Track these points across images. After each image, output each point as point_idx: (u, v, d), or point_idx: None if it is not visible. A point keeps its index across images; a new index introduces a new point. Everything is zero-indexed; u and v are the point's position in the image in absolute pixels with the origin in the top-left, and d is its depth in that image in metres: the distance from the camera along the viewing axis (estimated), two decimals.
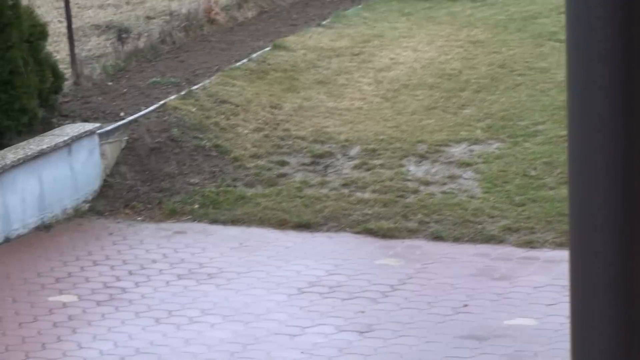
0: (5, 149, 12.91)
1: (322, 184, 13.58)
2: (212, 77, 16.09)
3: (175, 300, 10.92)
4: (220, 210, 13.03)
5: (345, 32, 18.84)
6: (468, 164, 13.79)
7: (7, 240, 12.42)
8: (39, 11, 14.50)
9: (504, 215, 12.61)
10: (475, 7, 20.61)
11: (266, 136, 14.63)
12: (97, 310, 10.64)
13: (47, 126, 13.78)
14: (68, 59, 15.59)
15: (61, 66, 15.01)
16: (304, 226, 12.57)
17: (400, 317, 10.33)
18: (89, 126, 13.72)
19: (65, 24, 15.76)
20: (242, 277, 11.38)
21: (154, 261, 11.81)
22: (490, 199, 13.00)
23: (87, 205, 13.31)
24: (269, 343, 9.88)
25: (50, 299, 10.91)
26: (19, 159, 12.65)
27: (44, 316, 10.48)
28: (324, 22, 19.40)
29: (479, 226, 12.39)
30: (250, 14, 20.04)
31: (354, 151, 14.20)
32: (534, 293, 10.89)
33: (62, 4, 15.85)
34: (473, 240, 12.15)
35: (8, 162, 12.55)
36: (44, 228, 12.77)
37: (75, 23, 16.06)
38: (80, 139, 13.32)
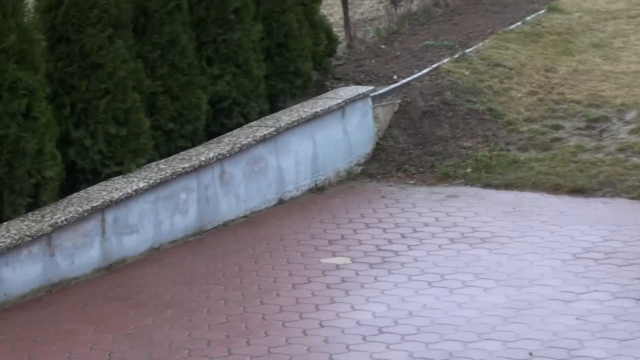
0: (280, 112, 13.12)
1: (597, 148, 13.49)
2: (486, 40, 16.11)
3: (448, 263, 10.93)
4: (493, 174, 13.03)
5: None
6: None
7: (281, 202, 12.68)
8: None
9: None
10: None
11: (540, 100, 14.59)
12: (369, 272, 10.74)
13: (320, 89, 13.95)
14: (341, 22, 15.75)
15: (335, 29, 15.16)
16: (578, 191, 12.50)
17: None
18: (362, 89, 13.84)
19: None
20: (515, 242, 11.34)
21: (426, 224, 11.86)
22: None
23: (359, 168, 13.46)
24: (543, 308, 9.73)
25: (323, 260, 11.10)
26: (293, 122, 12.83)
27: (317, 278, 10.62)
28: None
29: None
30: None
31: (631, 115, 14.07)
32: None
33: None
34: None
35: (282, 124, 12.74)
36: (317, 190, 13.01)
37: None
38: (353, 102, 13.44)
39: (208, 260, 11.25)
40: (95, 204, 10.88)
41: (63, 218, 10.58)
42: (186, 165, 11.73)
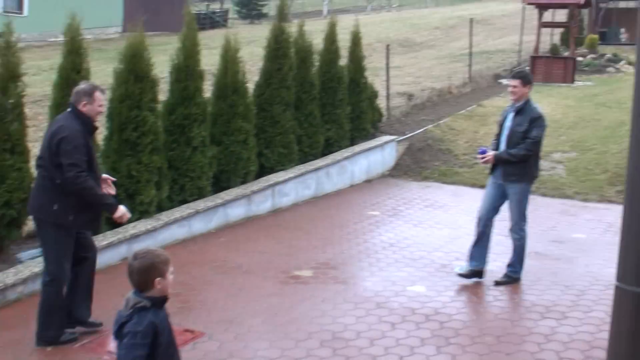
0: (355, 145, 13.04)
1: None
2: (448, 118, 15.98)
3: (423, 216, 10.74)
4: (447, 177, 12.85)
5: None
6: (560, 162, 13.48)
7: (352, 186, 12.52)
8: (374, 84, 14.56)
9: (574, 185, 12.31)
10: (569, 89, 20.01)
11: (470, 145, 14.41)
12: (388, 219, 10.62)
13: (373, 136, 13.89)
14: (385, 107, 15.65)
15: (382, 109, 15.11)
16: (483, 186, 12.45)
17: None
18: (391, 137, 13.77)
19: (385, 91, 15.80)
20: (454, 207, 11.24)
21: (415, 198, 11.82)
22: (569, 178, 12.69)
23: (388, 173, 13.25)
24: (466, 228, 9.48)
25: (367, 212, 11.00)
26: (360, 150, 12.74)
27: (364, 220, 10.55)
28: (501, 95, 18.95)
29: (562, 190, 12.11)
30: (467, 90, 19.84)
31: None
32: (585, 222, 10.58)
33: (385, 80, 16.00)
34: (559, 196, 11.90)
35: (356, 150, 12.71)
36: (368, 182, 12.81)
37: (391, 89, 16.17)
38: (387, 142, 13.38)
39: (318, 209, 11.11)
40: (270, 183, 10.96)
41: (256, 188, 10.67)
42: (310, 168, 11.69)
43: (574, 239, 9.77)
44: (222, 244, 9.39)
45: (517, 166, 7.68)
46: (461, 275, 8.01)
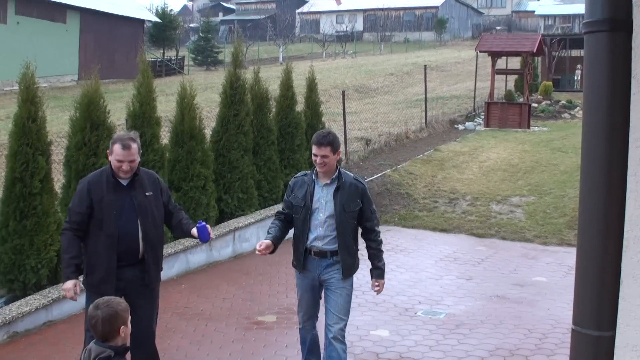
0: None
1: (453, 211, 13.48)
2: (406, 162, 16.11)
3: (385, 260, 10.89)
4: (407, 221, 12.96)
5: (466, 144, 18.76)
6: (518, 206, 13.62)
7: None
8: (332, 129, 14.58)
9: (534, 229, 12.46)
10: (525, 134, 20.37)
11: (429, 189, 14.60)
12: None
13: None
14: (343, 151, 15.68)
15: (341, 155, 15.16)
16: (443, 230, 12.49)
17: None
18: None
19: (342, 136, 15.87)
20: (415, 252, 11.34)
21: None
22: (528, 222, 12.83)
23: None
24: (427, 280, 9.60)
25: None
26: None
27: None
28: (457, 139, 19.33)
29: (522, 234, 12.25)
30: (424, 135, 20.04)
31: (468, 198, 14.08)
32: (546, 265, 10.66)
33: (342, 125, 16.10)
34: (518, 239, 12.05)
35: None
36: None
37: (348, 134, 16.23)
38: None
39: (280, 254, 11.06)
40: (231, 228, 10.92)
41: (216, 234, 10.62)
42: (270, 212, 11.55)
43: (535, 282, 9.83)
44: (183, 290, 9.29)
45: None
46: None
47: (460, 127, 22.03)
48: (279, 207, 11.74)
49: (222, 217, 11.24)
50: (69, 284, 5.49)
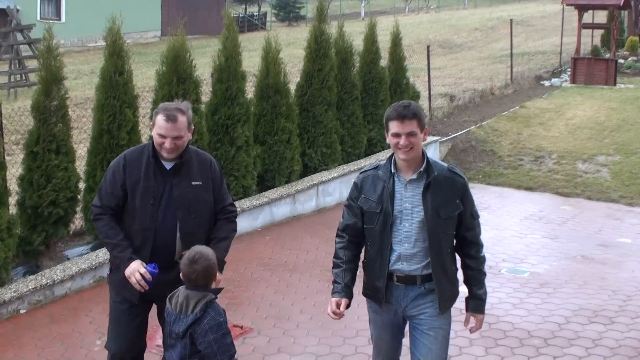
0: None
1: (538, 170, 13.34)
2: (491, 119, 15.95)
3: None
4: (491, 179, 12.90)
5: (552, 101, 18.38)
6: (605, 165, 13.36)
7: None
8: (417, 85, 14.47)
9: (619, 189, 12.23)
10: (612, 91, 19.85)
11: (514, 147, 14.46)
12: None
13: None
14: (427, 107, 15.61)
15: (424, 109, 15.10)
16: (528, 188, 12.37)
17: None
18: (435, 138, 13.75)
19: (426, 92, 15.78)
20: (499, 209, 11.29)
21: None
22: (614, 182, 12.59)
23: None
24: (509, 231, 9.59)
25: None
26: None
27: None
28: (543, 96, 18.95)
29: (607, 194, 12.03)
30: (509, 91, 19.73)
31: (554, 156, 13.88)
32: (631, 226, 10.46)
33: (426, 81, 16.00)
34: (604, 200, 11.84)
35: None
36: None
37: (432, 90, 16.15)
38: (430, 143, 13.31)
39: None
40: (314, 182, 11.02)
41: (300, 187, 10.74)
42: (353, 167, 11.70)
43: (620, 243, 9.68)
44: (268, 241, 9.48)
45: None
46: None
47: (547, 83, 21.57)
48: (362, 162, 11.98)
49: (306, 171, 11.33)
50: (134, 264, 4.44)
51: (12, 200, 8.13)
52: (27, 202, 8.09)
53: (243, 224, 9.54)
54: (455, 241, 4.37)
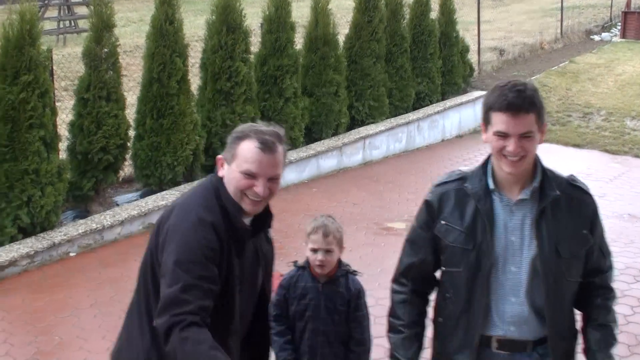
0: (447, 100, 12.88)
1: (586, 126, 13.13)
2: (541, 74, 15.73)
3: None
4: None
5: (602, 56, 18.04)
6: None
7: (442, 141, 12.37)
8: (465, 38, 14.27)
9: None
10: None
11: (562, 102, 14.27)
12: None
13: (464, 91, 13.69)
14: (476, 61, 15.44)
15: (473, 63, 14.88)
16: (576, 145, 12.14)
17: None
18: (483, 93, 13.49)
19: (475, 46, 15.59)
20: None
21: None
22: None
23: (479, 128, 13.19)
24: None
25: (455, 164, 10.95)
26: (451, 105, 12.66)
27: (448, 166, 10.56)
28: (593, 51, 18.61)
29: None
30: (559, 46, 19.40)
31: (602, 112, 13.68)
32: None
33: (475, 35, 15.80)
34: None
35: (447, 105, 12.55)
36: (459, 137, 12.67)
37: (482, 43, 15.96)
38: (479, 98, 13.14)
39: (409, 163, 11.01)
40: (361, 135, 11.01)
41: (347, 140, 10.73)
42: (401, 121, 11.64)
43: None
44: (314, 194, 9.52)
45: None
46: None
47: (597, 38, 21.14)
48: (410, 116, 12.00)
49: (353, 124, 11.29)
50: None
51: (62, 145, 8.26)
52: (78, 148, 8.23)
53: (290, 175, 9.61)
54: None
